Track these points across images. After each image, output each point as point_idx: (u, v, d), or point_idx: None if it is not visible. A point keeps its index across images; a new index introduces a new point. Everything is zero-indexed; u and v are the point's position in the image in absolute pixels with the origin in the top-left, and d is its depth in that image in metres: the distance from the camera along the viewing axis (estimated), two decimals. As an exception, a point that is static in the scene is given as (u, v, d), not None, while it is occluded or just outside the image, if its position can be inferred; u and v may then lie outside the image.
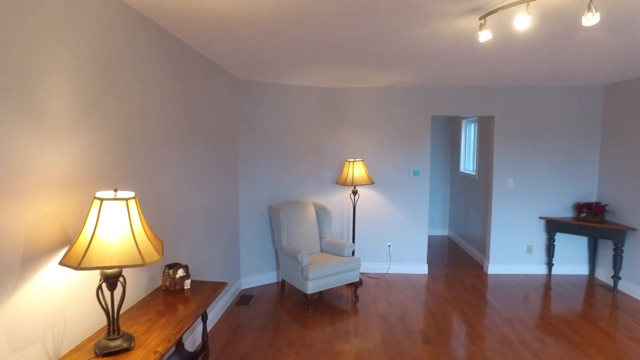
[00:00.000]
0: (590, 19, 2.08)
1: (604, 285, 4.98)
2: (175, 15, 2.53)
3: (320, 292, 4.69)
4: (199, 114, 3.43)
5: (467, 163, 6.93)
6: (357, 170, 4.87)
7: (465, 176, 6.74)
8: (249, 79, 4.68)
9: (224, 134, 4.12)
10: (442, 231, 7.81)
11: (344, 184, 4.91)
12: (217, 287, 2.74)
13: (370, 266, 5.50)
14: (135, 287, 2.39)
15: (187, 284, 2.72)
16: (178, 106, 3.00)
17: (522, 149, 5.32)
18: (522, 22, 2.25)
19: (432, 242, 7.22)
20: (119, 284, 1.74)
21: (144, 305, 2.34)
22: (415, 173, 5.36)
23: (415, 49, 3.35)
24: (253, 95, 4.75)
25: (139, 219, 1.74)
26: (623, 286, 4.78)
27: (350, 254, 4.51)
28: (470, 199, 6.53)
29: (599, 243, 5.28)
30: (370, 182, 4.97)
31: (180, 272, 2.67)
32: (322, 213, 4.86)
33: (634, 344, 3.50)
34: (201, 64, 3.46)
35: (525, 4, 2.27)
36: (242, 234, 4.79)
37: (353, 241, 5.14)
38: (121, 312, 2.20)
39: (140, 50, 2.42)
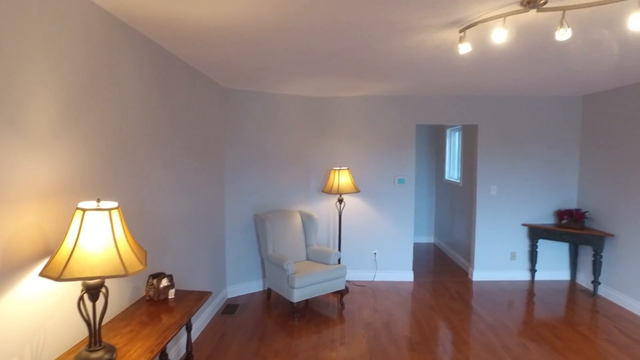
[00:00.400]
0: (563, 34, 2.16)
1: (585, 290, 5.09)
2: (160, 26, 2.55)
3: (307, 300, 4.70)
4: (184, 122, 3.44)
5: (452, 171, 7.03)
6: (342, 178, 4.91)
7: (450, 184, 6.84)
8: (234, 88, 4.71)
9: (209, 142, 4.12)
10: (427, 238, 7.88)
11: (329, 192, 4.95)
12: (201, 297, 2.74)
13: (357, 274, 5.52)
14: (118, 298, 2.38)
15: (172, 293, 2.70)
16: (163, 115, 3.00)
17: (505, 157, 5.43)
18: (499, 35, 2.32)
19: (418, 249, 7.28)
20: (101, 294, 1.73)
21: (127, 315, 2.33)
22: (401, 181, 5.42)
23: (399, 60, 3.42)
24: (239, 104, 4.77)
25: (122, 229, 1.74)
26: (602, 291, 4.89)
27: (336, 262, 4.53)
28: (455, 207, 6.62)
29: (580, 249, 5.40)
30: (356, 190, 5.01)
31: (165, 282, 2.66)
32: (308, 221, 4.88)
33: (612, 347, 3.58)
34: (186, 72, 3.47)
35: (502, 18, 2.35)
36: (228, 243, 4.78)
37: (339, 249, 5.17)
38: (103, 323, 2.19)
39: (125, 59, 2.43)
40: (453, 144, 7.04)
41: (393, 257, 5.51)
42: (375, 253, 5.51)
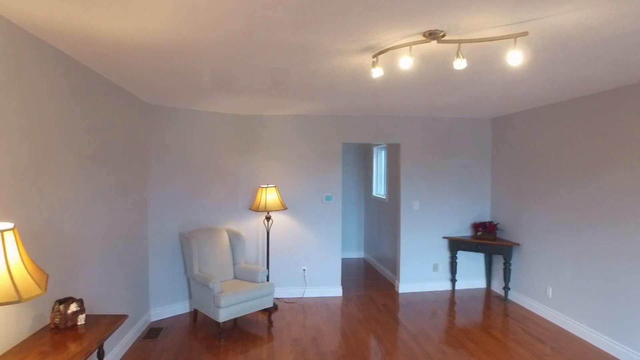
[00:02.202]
0: (460, 64, 2.41)
1: (498, 296, 5.51)
2: (72, 39, 2.46)
3: (235, 320, 4.61)
4: (102, 137, 3.29)
5: (379, 187, 7.33)
6: (270, 196, 4.94)
7: (377, 200, 7.12)
8: (158, 104, 4.60)
9: (130, 159, 3.97)
10: (358, 254, 8.10)
11: (257, 209, 4.95)
12: (115, 320, 2.61)
13: (286, 291, 5.52)
14: (14, 328, 2.19)
15: (82, 319, 2.55)
16: (77, 130, 2.86)
17: (426, 174, 5.78)
18: (406, 62, 2.53)
19: (348, 264, 7.45)
20: (-10, 323, 1.60)
21: (24, 347, 2.15)
22: (328, 198, 5.56)
23: (320, 82, 3.56)
24: (163, 121, 4.66)
25: (17, 252, 1.64)
26: (512, 296, 5.33)
27: (264, 279, 4.51)
28: (382, 222, 6.89)
29: (493, 258, 5.86)
30: (284, 208, 5.06)
31: (73, 307, 2.50)
32: (235, 239, 4.83)
33: (517, 346, 3.92)
34: (105, 87, 3.34)
35: (408, 47, 2.56)
36: (151, 263, 4.58)
37: (267, 267, 5.15)
38: (-3, 355, 2.01)
39: (31, 72, 2.31)
40: (379, 161, 7.37)
41: (322, 272, 5.59)
42: (304, 269, 5.56)
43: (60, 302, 2.49)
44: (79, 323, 2.53)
